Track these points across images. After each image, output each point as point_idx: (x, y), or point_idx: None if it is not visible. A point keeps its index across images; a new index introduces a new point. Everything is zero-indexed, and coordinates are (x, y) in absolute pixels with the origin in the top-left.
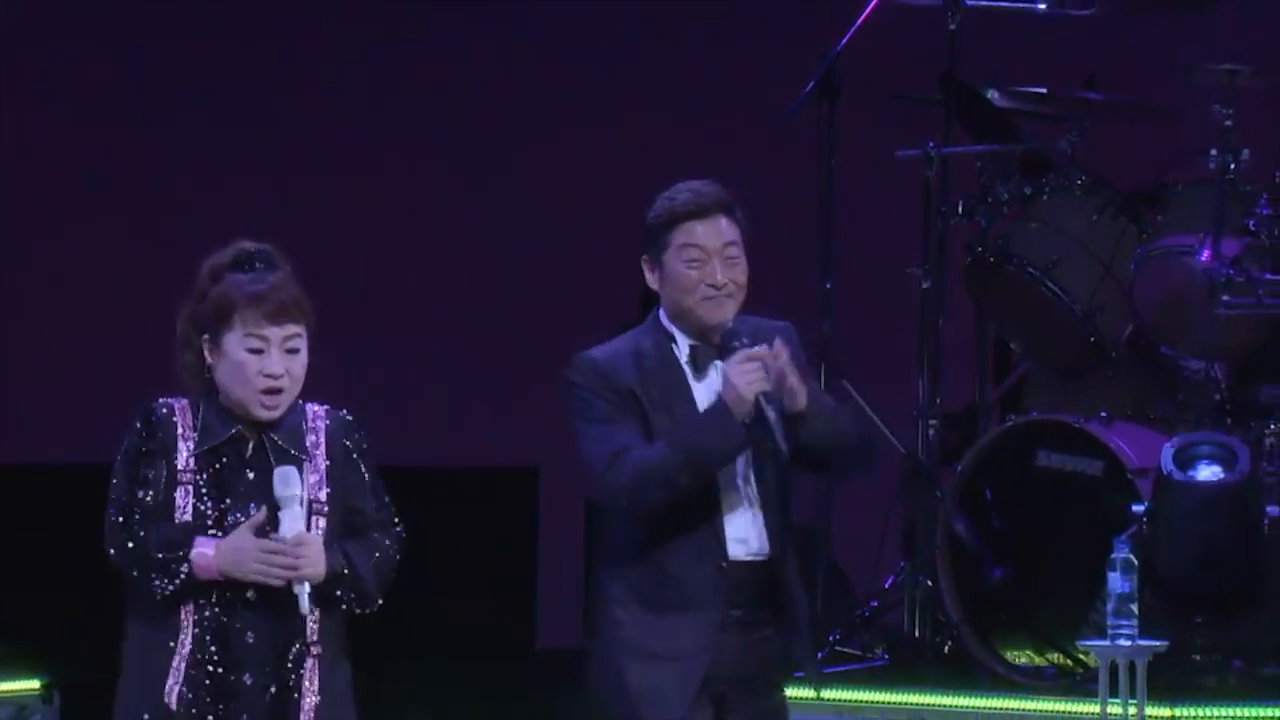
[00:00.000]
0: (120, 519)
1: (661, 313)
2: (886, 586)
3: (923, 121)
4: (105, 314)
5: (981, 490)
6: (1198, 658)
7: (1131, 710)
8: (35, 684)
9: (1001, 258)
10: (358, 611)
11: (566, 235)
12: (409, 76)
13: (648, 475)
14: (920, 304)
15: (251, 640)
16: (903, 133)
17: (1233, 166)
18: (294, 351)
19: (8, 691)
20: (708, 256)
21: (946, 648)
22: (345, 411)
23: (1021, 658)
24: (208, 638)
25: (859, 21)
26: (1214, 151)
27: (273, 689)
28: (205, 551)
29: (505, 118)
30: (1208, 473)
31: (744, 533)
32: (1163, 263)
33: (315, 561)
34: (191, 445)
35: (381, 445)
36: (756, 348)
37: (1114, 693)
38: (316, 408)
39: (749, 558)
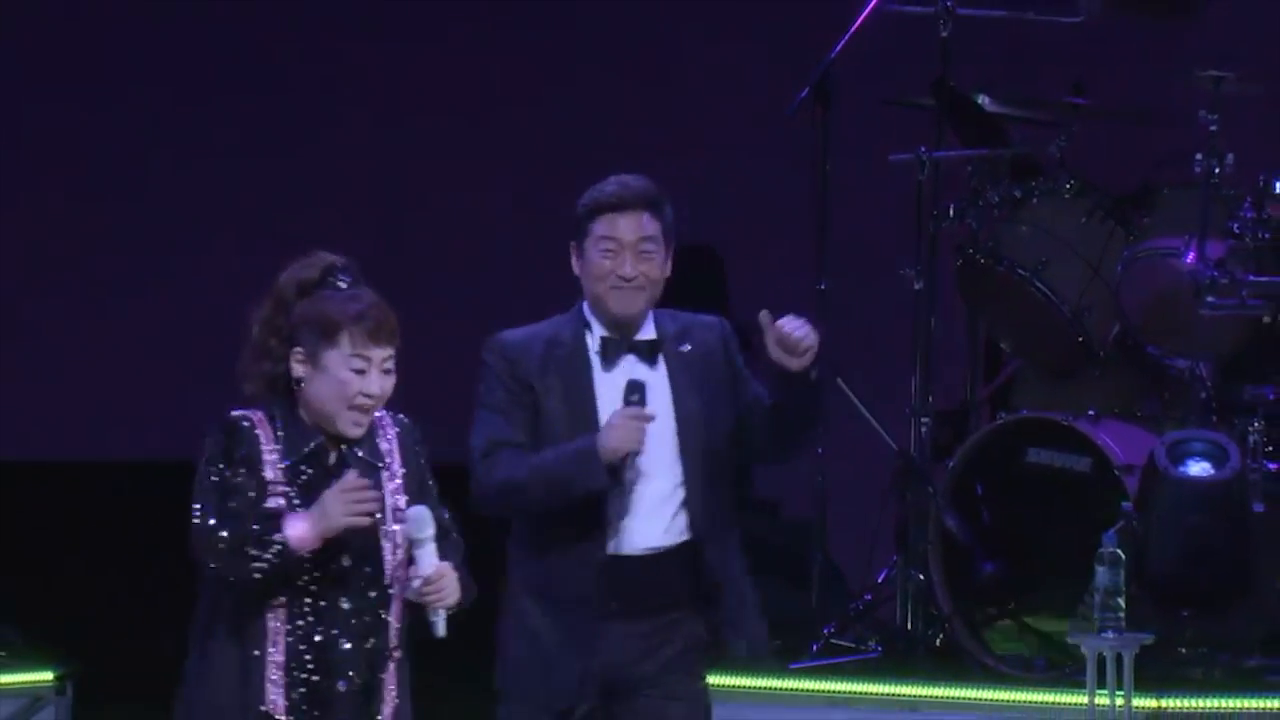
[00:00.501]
0: (212, 521)
1: (585, 301)
2: (880, 580)
3: (915, 126)
4: (105, 312)
5: (972, 486)
6: (1184, 650)
7: (1119, 701)
8: (49, 675)
9: (992, 259)
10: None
11: (563, 239)
12: (403, 76)
13: (510, 488)
14: (913, 304)
15: (346, 647)
16: (895, 137)
17: (1217, 171)
18: (388, 372)
19: (22, 683)
20: (621, 248)
21: (938, 640)
22: (402, 415)
23: (1011, 650)
24: (302, 646)
25: (853, 28)
26: (1199, 156)
27: (362, 693)
28: (297, 520)
29: (500, 124)
30: (1199, 469)
31: (646, 525)
32: (1149, 264)
33: (454, 591)
34: (276, 458)
35: None
36: (646, 410)
37: (1101, 684)
38: (381, 414)
39: (644, 551)
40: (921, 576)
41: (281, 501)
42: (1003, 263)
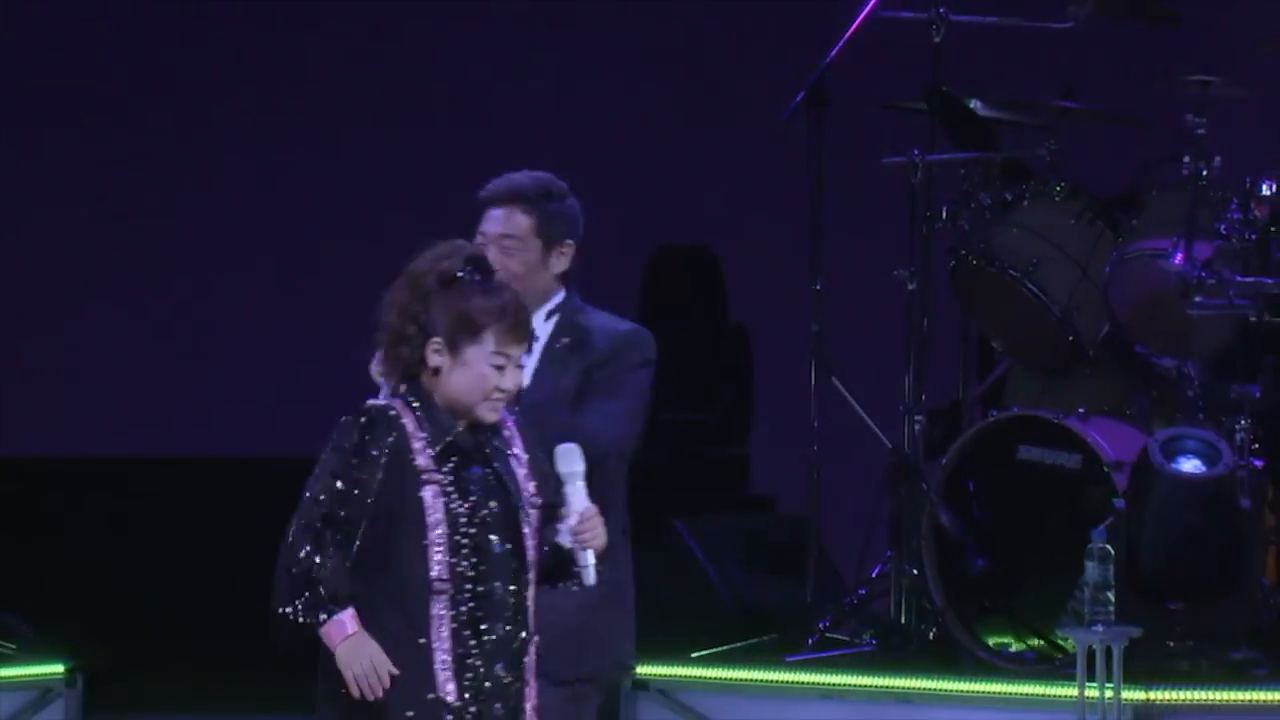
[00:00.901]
0: (315, 525)
1: None
2: (874, 575)
3: (909, 130)
4: (120, 308)
5: (965, 483)
6: (1172, 644)
7: (1108, 694)
8: (59, 668)
9: (984, 260)
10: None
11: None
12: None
13: None
14: (907, 305)
15: (504, 632)
16: (889, 140)
17: (1204, 173)
18: (521, 367)
19: (33, 675)
20: (486, 242)
21: (931, 634)
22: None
23: (1003, 643)
24: (466, 632)
25: (848, 34)
26: (1186, 159)
27: (514, 681)
28: (344, 620)
29: (502, 123)
30: (1191, 466)
31: None
32: (1137, 265)
33: (603, 533)
34: (422, 445)
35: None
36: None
37: (1091, 677)
38: None
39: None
40: (915, 571)
41: (435, 489)
42: (994, 264)
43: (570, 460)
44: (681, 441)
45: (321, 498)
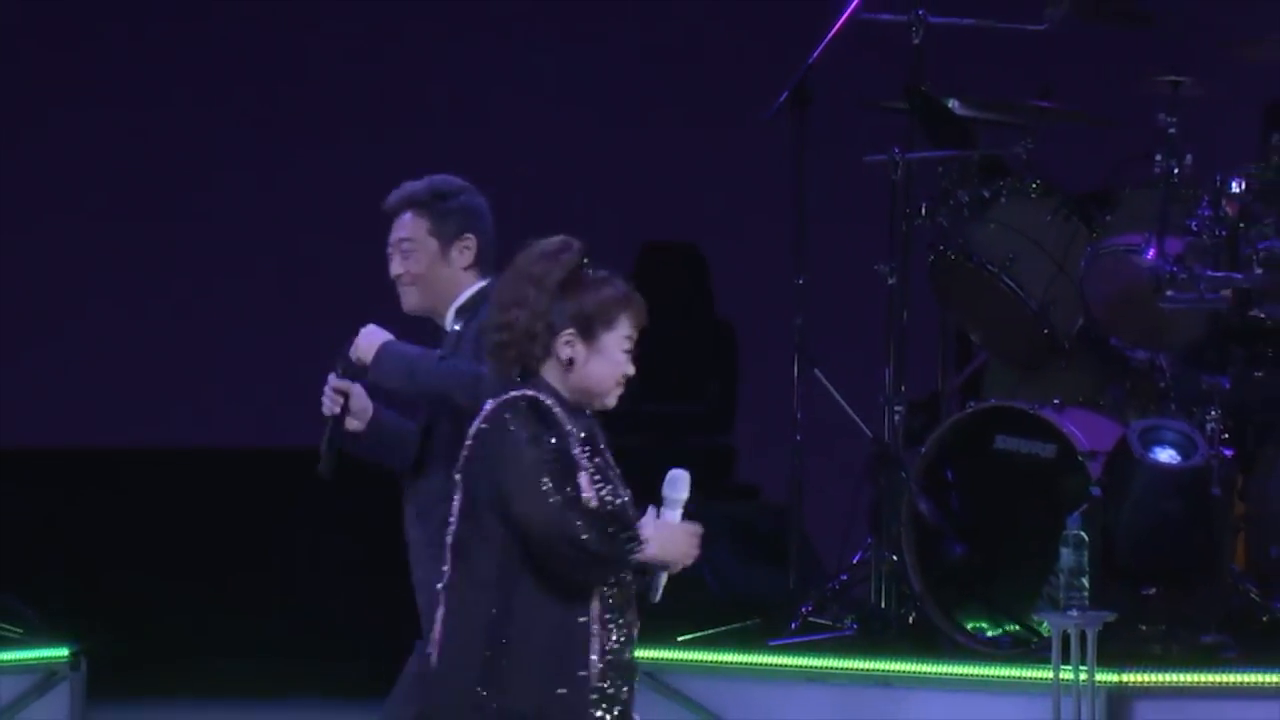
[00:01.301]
0: (579, 523)
1: None
2: (855, 561)
3: (889, 129)
4: (120, 306)
5: (943, 472)
6: (1144, 628)
7: (1083, 676)
8: (64, 652)
9: (962, 256)
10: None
11: (551, 231)
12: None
13: None
14: (887, 299)
15: (630, 618)
16: (870, 139)
17: (1176, 171)
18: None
19: (38, 659)
20: (392, 250)
21: (911, 618)
22: None
23: (980, 627)
24: (608, 615)
25: (830, 35)
26: (1159, 157)
27: (634, 663)
28: (643, 538)
29: (498, 125)
30: (1167, 456)
31: None
32: (1111, 261)
33: (689, 555)
34: (573, 432)
35: None
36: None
37: (1066, 660)
38: None
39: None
40: (895, 558)
41: (587, 477)
42: (972, 259)
43: (678, 487)
44: (669, 432)
45: (546, 474)
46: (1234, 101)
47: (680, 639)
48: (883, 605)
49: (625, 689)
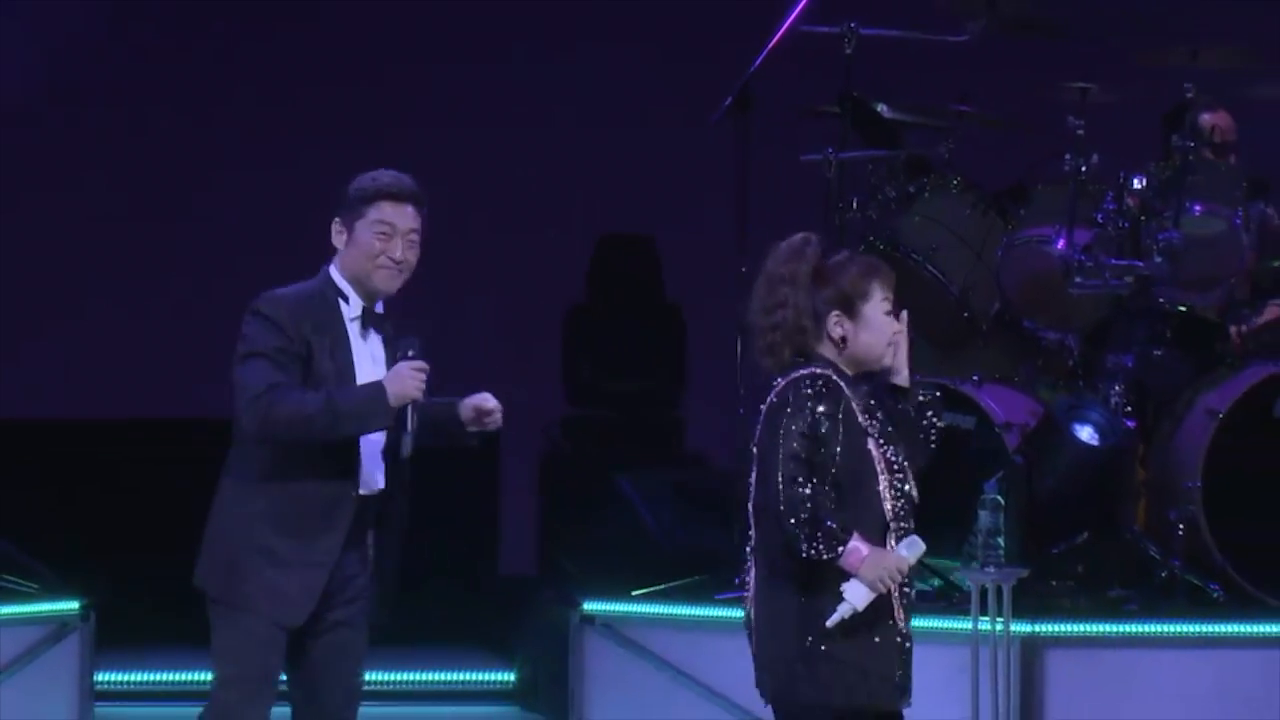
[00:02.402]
0: (799, 476)
1: (334, 269)
2: None
3: (824, 131)
4: (132, 290)
5: None
6: (1055, 583)
7: (999, 626)
8: (75, 605)
9: (889, 246)
10: None
11: (506, 231)
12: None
13: (297, 418)
14: None
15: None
16: (807, 140)
17: (1084, 169)
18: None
19: (50, 612)
20: (394, 234)
21: None
22: None
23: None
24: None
25: (770, 45)
26: (1068, 156)
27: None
28: (857, 545)
29: (474, 127)
30: (1088, 434)
31: (375, 470)
32: (1025, 250)
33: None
34: (858, 401)
35: None
36: (421, 361)
37: (984, 612)
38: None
39: (373, 491)
40: None
41: (874, 440)
42: (899, 249)
43: (917, 551)
44: (623, 406)
45: (799, 453)
46: (1136, 106)
47: (635, 593)
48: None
49: (911, 639)
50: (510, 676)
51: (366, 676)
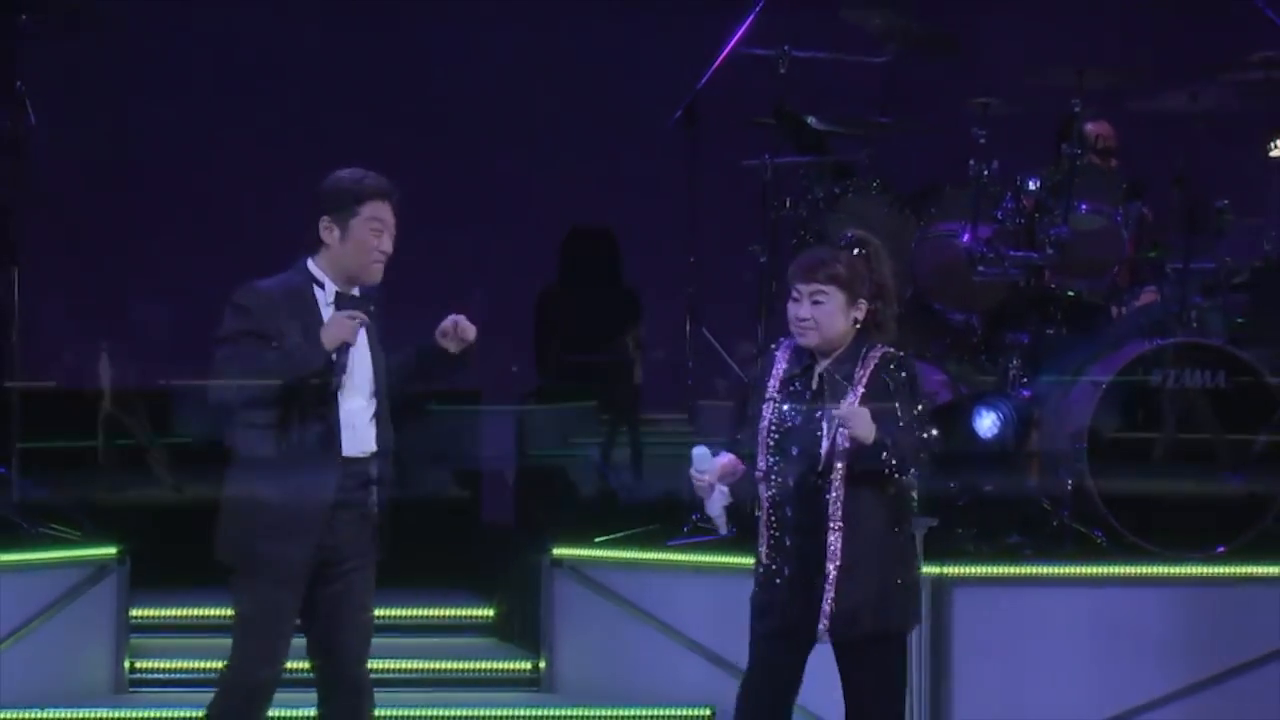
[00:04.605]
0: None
1: (311, 262)
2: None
3: (761, 139)
4: (192, 263)
5: None
6: (960, 531)
7: None
8: (111, 550)
9: (818, 240)
10: None
11: (490, 214)
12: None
13: (251, 369)
14: (759, 273)
15: None
16: (747, 147)
17: (986, 173)
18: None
19: (89, 556)
20: (384, 229)
21: None
22: (892, 349)
23: None
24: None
25: (714, 65)
26: (972, 161)
27: None
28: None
29: (459, 122)
30: (990, 421)
31: (363, 435)
32: (935, 243)
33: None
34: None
35: None
36: (354, 310)
37: None
38: (874, 346)
39: (360, 454)
40: None
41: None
42: (825, 242)
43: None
44: (586, 378)
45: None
46: (1031, 117)
47: (598, 540)
48: (755, 514)
49: None
50: (489, 612)
51: None
